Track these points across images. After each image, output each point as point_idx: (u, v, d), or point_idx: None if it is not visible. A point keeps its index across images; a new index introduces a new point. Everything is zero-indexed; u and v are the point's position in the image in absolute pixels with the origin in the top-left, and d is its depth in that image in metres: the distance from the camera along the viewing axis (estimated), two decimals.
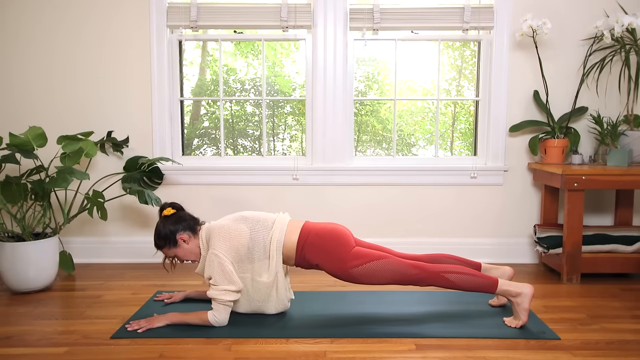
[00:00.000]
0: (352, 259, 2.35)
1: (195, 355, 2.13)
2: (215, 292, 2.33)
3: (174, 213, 2.45)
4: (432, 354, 2.14)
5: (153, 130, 3.48)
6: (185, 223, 2.43)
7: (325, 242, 2.38)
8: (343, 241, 2.39)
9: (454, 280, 2.34)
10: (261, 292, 2.42)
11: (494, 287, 2.34)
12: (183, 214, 2.47)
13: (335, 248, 2.36)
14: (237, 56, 3.84)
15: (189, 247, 2.44)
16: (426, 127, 3.94)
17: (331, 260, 2.36)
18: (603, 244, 3.15)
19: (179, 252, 2.44)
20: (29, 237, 2.94)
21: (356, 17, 3.41)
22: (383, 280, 2.36)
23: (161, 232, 2.41)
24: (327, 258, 2.37)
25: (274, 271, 2.38)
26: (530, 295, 2.34)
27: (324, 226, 2.45)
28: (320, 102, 3.46)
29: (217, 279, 2.33)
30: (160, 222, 2.44)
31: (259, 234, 2.39)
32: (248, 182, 3.51)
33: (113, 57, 3.44)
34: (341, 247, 2.37)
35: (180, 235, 2.41)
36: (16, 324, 2.47)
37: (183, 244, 2.43)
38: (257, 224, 2.41)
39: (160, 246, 2.43)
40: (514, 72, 3.46)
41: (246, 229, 2.39)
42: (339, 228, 2.45)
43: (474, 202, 3.54)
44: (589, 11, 3.41)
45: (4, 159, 2.93)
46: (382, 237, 3.55)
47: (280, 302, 2.46)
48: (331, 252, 2.36)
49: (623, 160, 3.16)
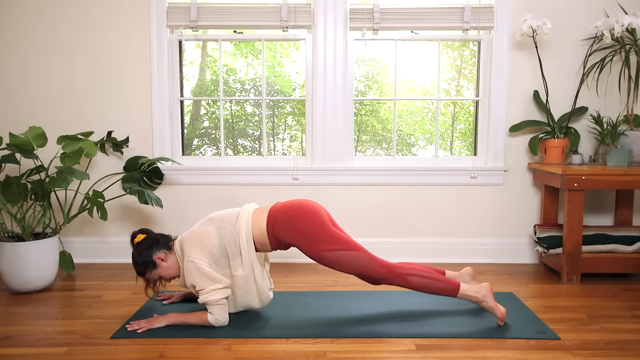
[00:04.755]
0: (326, 242, 2.36)
1: (195, 355, 2.13)
2: (205, 296, 2.33)
3: (145, 238, 2.46)
4: (432, 354, 2.14)
5: (153, 130, 3.48)
6: (158, 243, 2.46)
7: (293, 219, 2.39)
8: (314, 217, 2.39)
9: (415, 283, 2.42)
10: (241, 287, 2.43)
11: (455, 291, 2.43)
12: (153, 236, 2.48)
13: (305, 225, 2.38)
14: (237, 56, 3.84)
15: (168, 264, 2.45)
16: (426, 127, 3.94)
17: (303, 238, 2.37)
18: (603, 244, 3.15)
19: (161, 272, 2.46)
20: (29, 237, 2.94)
21: (356, 17, 3.41)
22: (349, 270, 2.39)
23: (138, 259, 2.43)
24: (297, 235, 2.38)
25: (248, 262, 2.39)
26: (489, 294, 2.43)
27: (290, 203, 2.46)
28: (320, 102, 3.46)
29: (200, 284, 2.33)
30: (134, 251, 2.45)
31: (226, 230, 2.40)
32: (248, 182, 3.51)
33: (113, 57, 3.44)
34: (312, 223, 2.38)
35: (157, 256, 2.43)
36: (16, 324, 2.48)
37: (162, 263, 2.44)
38: (222, 222, 2.43)
39: (142, 272, 2.45)
40: (514, 72, 3.46)
41: (213, 229, 2.41)
42: (307, 203, 2.45)
43: (474, 202, 3.54)
44: (589, 11, 3.41)
45: (4, 159, 2.93)
46: (382, 237, 3.55)
47: (262, 292, 2.47)
48: (301, 229, 2.37)
49: (623, 160, 3.16)
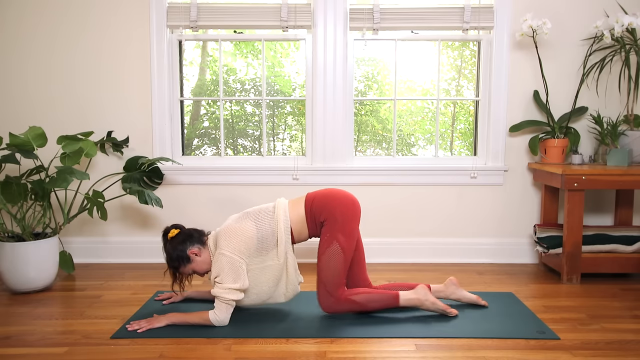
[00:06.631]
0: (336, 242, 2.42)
1: (195, 355, 2.13)
2: (219, 290, 2.35)
3: (178, 233, 2.49)
4: (432, 354, 2.14)
5: (153, 130, 3.48)
6: (192, 238, 2.48)
7: (329, 199, 2.48)
8: (346, 202, 2.48)
9: (360, 301, 2.47)
10: (273, 277, 2.44)
11: (396, 300, 2.50)
12: (187, 231, 2.51)
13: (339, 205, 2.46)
14: (237, 56, 3.84)
15: (202, 259, 2.48)
16: (426, 127, 3.94)
17: (333, 221, 2.44)
18: (603, 244, 3.15)
19: (195, 267, 2.49)
20: (29, 237, 2.94)
21: (356, 17, 3.41)
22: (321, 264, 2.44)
23: (172, 253, 2.45)
24: (331, 214, 2.44)
25: (283, 251, 2.42)
26: (428, 292, 2.53)
27: (329, 189, 2.57)
28: (320, 102, 3.46)
29: (223, 277, 2.35)
30: (168, 245, 2.48)
31: (264, 222, 2.44)
32: (248, 182, 3.51)
33: (113, 57, 3.44)
34: (343, 206, 2.46)
35: (191, 250, 2.46)
36: (16, 324, 2.47)
37: (196, 257, 2.47)
38: (259, 214, 2.47)
39: (176, 267, 2.47)
40: (514, 72, 3.46)
41: (251, 222, 2.44)
42: (344, 191, 2.56)
43: (474, 202, 3.54)
44: (589, 11, 3.41)
45: (4, 159, 2.93)
46: (382, 237, 3.55)
47: (291, 283, 2.48)
48: (335, 207, 2.45)
49: (623, 160, 3.16)
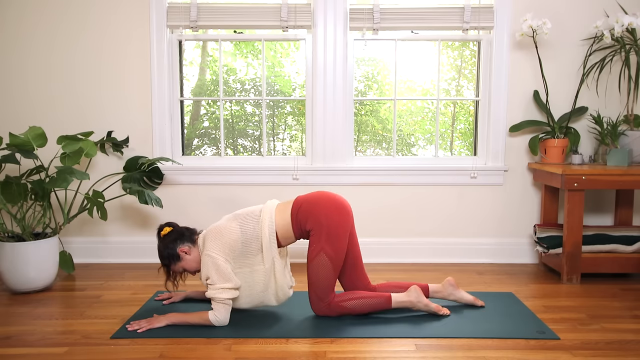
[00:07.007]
0: (323, 253, 2.40)
1: (195, 355, 2.13)
2: (213, 291, 2.36)
3: (171, 231, 2.51)
4: (432, 354, 2.14)
5: (153, 130, 3.48)
6: (183, 236, 2.50)
7: (316, 206, 2.43)
8: (333, 208, 2.43)
9: (350, 307, 2.47)
10: (260, 282, 2.44)
11: (388, 303, 2.50)
12: (179, 229, 2.53)
13: (325, 214, 2.41)
14: (237, 56, 3.84)
15: (191, 257, 2.49)
16: (426, 127, 3.94)
17: (319, 230, 2.40)
18: (603, 244, 3.15)
19: (185, 265, 2.50)
20: (29, 237, 2.94)
21: (356, 17, 3.41)
22: (311, 272, 2.43)
23: (163, 251, 2.49)
24: (316, 223, 2.41)
25: (269, 257, 2.42)
26: (420, 294, 2.53)
27: (319, 193, 2.52)
28: (320, 102, 3.46)
29: (213, 279, 2.36)
30: (160, 243, 2.50)
31: (249, 226, 2.44)
32: (248, 182, 3.51)
33: (113, 57, 3.44)
34: (330, 213, 2.42)
35: (181, 249, 2.48)
36: (16, 324, 2.47)
37: (185, 256, 2.48)
38: (245, 218, 2.47)
39: (167, 264, 2.50)
40: (514, 72, 3.46)
41: (235, 225, 2.44)
42: (336, 197, 2.50)
43: (474, 202, 3.54)
44: (589, 11, 3.41)
45: (4, 159, 2.93)
46: (382, 237, 3.55)
47: (280, 288, 2.47)
48: (321, 215, 2.41)
49: (623, 160, 3.16)
